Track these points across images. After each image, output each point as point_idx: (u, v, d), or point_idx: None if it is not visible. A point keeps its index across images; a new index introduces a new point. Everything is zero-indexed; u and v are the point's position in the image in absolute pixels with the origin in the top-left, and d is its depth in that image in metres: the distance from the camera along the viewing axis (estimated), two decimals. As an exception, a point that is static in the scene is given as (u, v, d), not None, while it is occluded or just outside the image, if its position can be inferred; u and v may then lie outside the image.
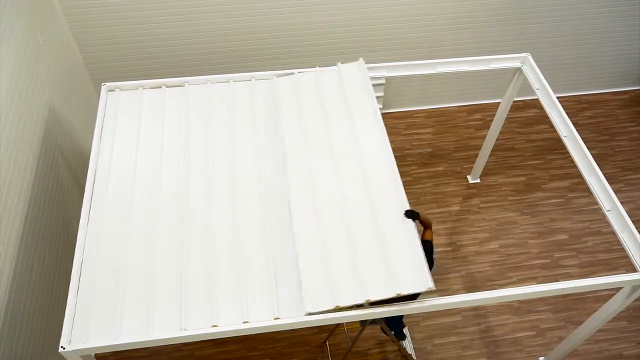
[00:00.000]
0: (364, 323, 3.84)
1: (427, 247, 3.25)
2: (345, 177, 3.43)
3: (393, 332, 3.96)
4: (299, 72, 4.00)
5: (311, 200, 3.31)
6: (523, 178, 5.67)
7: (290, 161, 3.49)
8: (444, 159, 5.78)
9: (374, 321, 3.76)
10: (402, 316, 3.97)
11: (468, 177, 5.62)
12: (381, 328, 3.96)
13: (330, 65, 4.07)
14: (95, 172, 3.38)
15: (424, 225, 3.39)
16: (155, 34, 4.96)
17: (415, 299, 3.07)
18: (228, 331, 2.77)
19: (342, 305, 2.84)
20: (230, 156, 3.52)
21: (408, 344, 4.45)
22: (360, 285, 2.92)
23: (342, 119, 3.73)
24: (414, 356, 4.40)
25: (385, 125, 3.71)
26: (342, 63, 4.03)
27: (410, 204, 3.26)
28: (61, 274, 4.02)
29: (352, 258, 3.05)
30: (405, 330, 4.41)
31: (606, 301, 3.46)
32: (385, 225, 3.18)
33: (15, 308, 3.30)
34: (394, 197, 3.31)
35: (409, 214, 3.17)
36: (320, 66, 4.07)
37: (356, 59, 4.06)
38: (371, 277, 2.96)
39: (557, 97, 3.97)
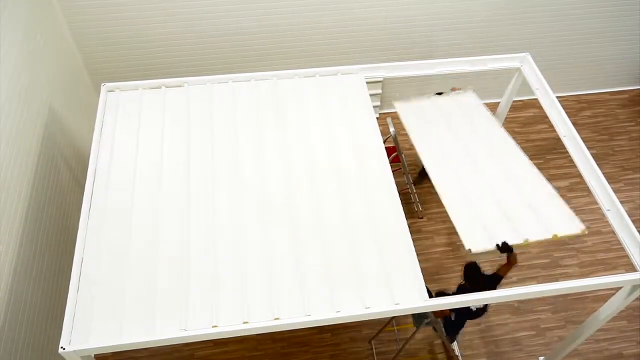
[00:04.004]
0: (419, 323, 3.86)
1: (495, 279, 3.48)
2: (344, 183, 3.45)
3: (448, 334, 4.01)
4: (300, 75, 4.01)
5: (315, 202, 3.31)
6: (522, 178, 5.68)
7: (290, 162, 3.51)
8: (443, 158, 5.78)
9: (429, 322, 3.82)
10: (466, 319, 4.06)
11: (468, 177, 5.61)
12: (434, 328, 3.98)
13: (330, 66, 4.08)
14: (95, 171, 3.38)
15: (509, 261, 3.48)
16: (156, 35, 4.96)
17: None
18: (228, 331, 2.77)
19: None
20: (230, 156, 3.52)
21: (456, 347, 4.45)
22: (361, 294, 2.94)
23: (342, 128, 3.75)
24: (460, 358, 4.42)
25: (385, 124, 3.72)
26: (342, 74, 4.05)
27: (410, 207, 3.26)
28: (61, 274, 4.02)
29: (353, 266, 3.07)
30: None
31: (606, 301, 3.46)
32: (383, 238, 3.21)
33: (15, 307, 3.30)
34: (392, 212, 3.34)
35: (504, 247, 3.10)
36: (320, 67, 4.08)
37: (356, 59, 4.08)
38: (370, 287, 2.98)
39: (556, 97, 3.98)
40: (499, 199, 3.26)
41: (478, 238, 2.98)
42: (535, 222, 3.06)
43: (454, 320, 3.91)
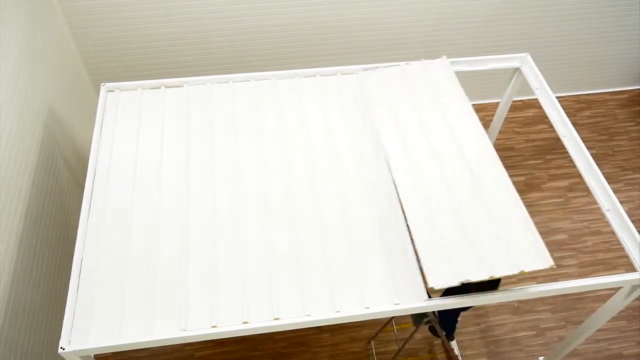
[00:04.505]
0: (418, 322, 3.83)
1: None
2: (344, 183, 3.45)
3: (444, 332, 3.96)
4: (300, 75, 4.02)
5: (315, 202, 3.32)
6: (522, 178, 5.68)
7: (290, 162, 3.51)
8: (443, 159, 5.79)
9: (428, 320, 3.78)
10: (458, 315, 3.99)
11: (467, 177, 5.62)
12: (430, 328, 3.93)
13: (330, 66, 4.08)
14: (95, 171, 3.39)
15: None
16: (156, 34, 4.96)
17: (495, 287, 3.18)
18: (227, 331, 2.77)
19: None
20: (230, 156, 3.53)
21: (455, 346, 4.45)
22: (361, 294, 2.94)
23: (342, 128, 3.74)
24: (460, 358, 4.41)
25: (385, 125, 3.70)
26: (341, 74, 4.05)
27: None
28: (61, 273, 4.02)
29: (353, 266, 3.07)
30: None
31: (605, 301, 3.47)
32: (382, 237, 3.20)
33: (15, 307, 3.30)
34: (391, 213, 3.32)
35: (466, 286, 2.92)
36: (319, 67, 4.08)
37: (355, 60, 4.06)
38: (370, 287, 2.97)
39: (556, 97, 3.98)
40: (466, 224, 3.07)
41: (442, 272, 2.86)
42: (503, 254, 2.91)
43: (448, 312, 3.85)
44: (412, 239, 3.10)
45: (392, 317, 4.35)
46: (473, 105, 6.31)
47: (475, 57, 4.30)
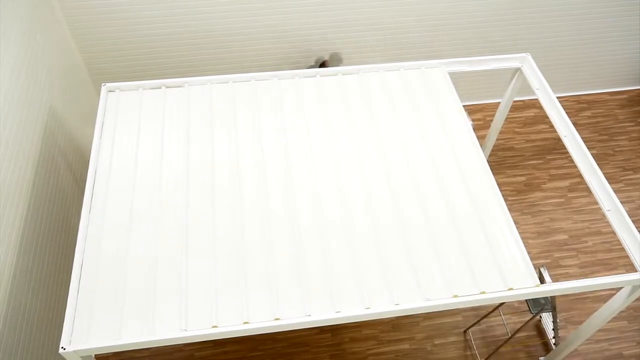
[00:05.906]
0: (536, 309, 3.92)
1: None
2: (344, 183, 3.45)
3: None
4: (300, 76, 4.02)
5: (315, 202, 3.32)
6: (523, 178, 5.68)
7: (290, 164, 3.51)
8: (443, 159, 5.78)
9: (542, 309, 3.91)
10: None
11: (468, 177, 5.61)
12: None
13: (330, 67, 4.08)
14: (95, 172, 3.39)
15: None
16: (156, 34, 4.97)
17: None
18: (228, 332, 2.77)
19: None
20: (231, 156, 3.53)
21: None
22: (361, 295, 2.94)
23: (345, 128, 3.75)
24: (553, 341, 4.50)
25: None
26: (342, 75, 4.04)
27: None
28: (62, 274, 4.02)
29: (353, 266, 3.07)
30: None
31: (606, 301, 3.46)
32: (382, 238, 3.19)
33: (15, 308, 3.30)
34: (392, 213, 3.32)
35: None
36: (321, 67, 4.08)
37: (356, 60, 4.07)
38: (370, 288, 2.97)
39: (557, 97, 3.97)
40: (461, 240, 3.19)
41: (437, 287, 2.98)
42: (495, 273, 3.05)
43: None
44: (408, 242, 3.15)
45: (500, 304, 4.34)
46: (474, 105, 6.32)
47: (476, 57, 4.30)
